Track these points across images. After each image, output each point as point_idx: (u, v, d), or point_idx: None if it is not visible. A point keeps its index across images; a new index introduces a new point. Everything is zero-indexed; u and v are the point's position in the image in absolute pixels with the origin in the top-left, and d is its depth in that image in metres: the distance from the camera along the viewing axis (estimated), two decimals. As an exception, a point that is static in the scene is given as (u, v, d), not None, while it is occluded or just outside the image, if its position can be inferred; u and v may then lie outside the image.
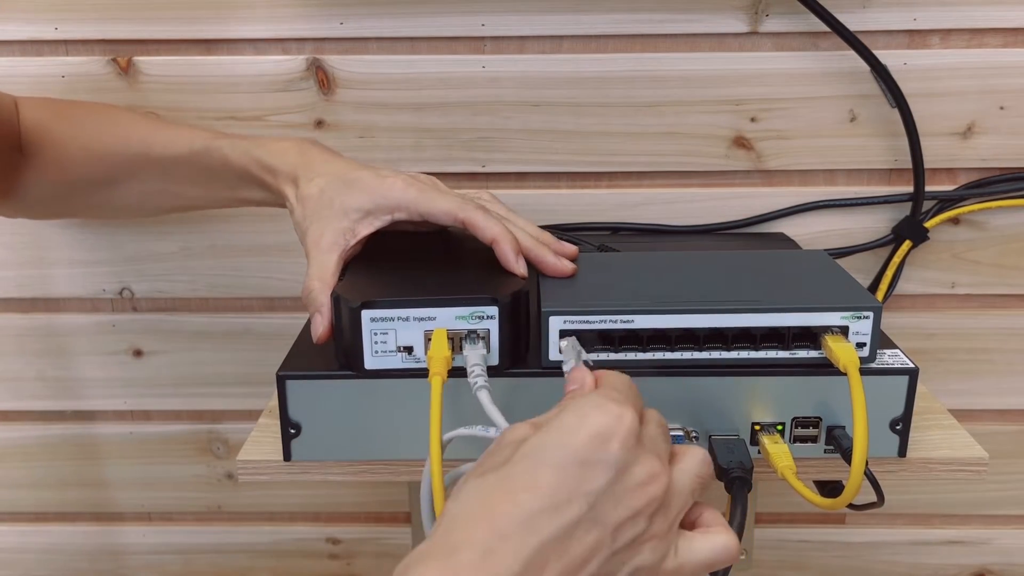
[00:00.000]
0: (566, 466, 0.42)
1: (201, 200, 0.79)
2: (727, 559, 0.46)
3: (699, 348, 0.59)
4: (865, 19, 0.84)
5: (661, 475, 0.43)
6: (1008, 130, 0.88)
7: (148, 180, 0.78)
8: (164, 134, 0.77)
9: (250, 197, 0.73)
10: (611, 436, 0.42)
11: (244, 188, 0.73)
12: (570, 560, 0.41)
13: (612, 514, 0.42)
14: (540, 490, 0.41)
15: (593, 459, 0.42)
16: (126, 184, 0.79)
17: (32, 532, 1.08)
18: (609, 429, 0.43)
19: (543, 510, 0.41)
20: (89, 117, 0.81)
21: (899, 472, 0.63)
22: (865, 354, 0.59)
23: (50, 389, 1.01)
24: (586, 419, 0.43)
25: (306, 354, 0.65)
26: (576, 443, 0.42)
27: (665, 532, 0.44)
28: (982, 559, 1.05)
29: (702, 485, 0.46)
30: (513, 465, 0.43)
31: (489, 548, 0.40)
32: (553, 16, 0.86)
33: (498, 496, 0.41)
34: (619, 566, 0.43)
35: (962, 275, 0.93)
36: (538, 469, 0.42)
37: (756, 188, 0.91)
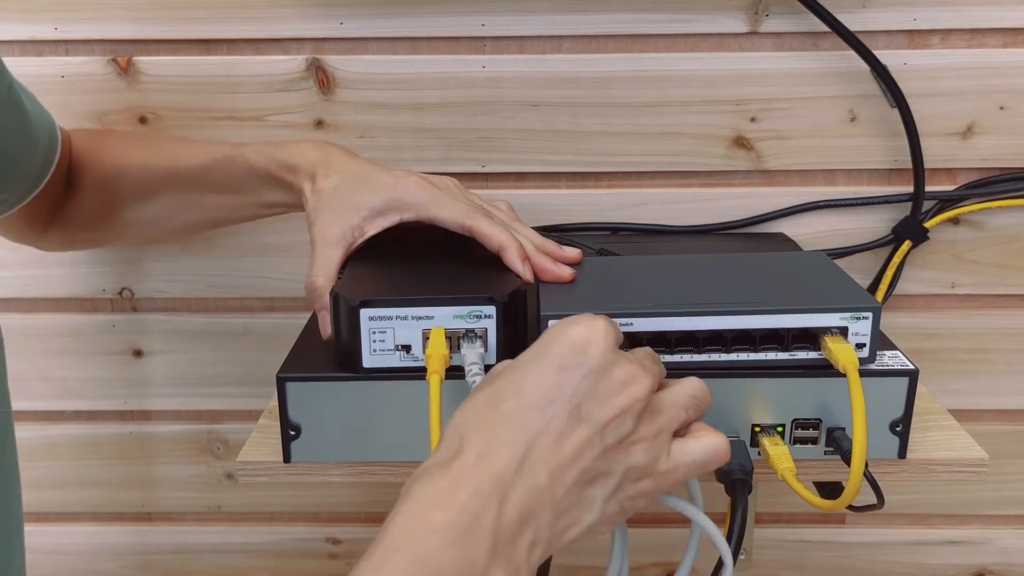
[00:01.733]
0: (547, 371, 0.45)
1: (228, 209, 0.79)
2: (718, 458, 0.48)
3: (698, 350, 0.59)
4: (865, 19, 0.84)
5: (640, 376, 0.46)
6: (1008, 130, 0.87)
7: (176, 193, 0.78)
8: (189, 147, 0.79)
9: (275, 200, 0.74)
10: (588, 342, 0.45)
11: (268, 191, 0.73)
12: (562, 455, 0.43)
13: (597, 412, 0.44)
14: (524, 395, 0.44)
15: (572, 363, 0.45)
16: (155, 201, 0.79)
17: (32, 532, 1.08)
18: (585, 336, 0.45)
19: (529, 410, 0.44)
20: (121, 139, 0.84)
21: (899, 473, 0.63)
22: (865, 355, 0.59)
23: (50, 389, 1.01)
24: (562, 331, 0.46)
25: (306, 356, 0.65)
26: (554, 351, 0.45)
27: (654, 435, 0.46)
28: (982, 559, 1.05)
29: (696, 404, 0.49)
30: (500, 380, 0.46)
31: (483, 451, 0.43)
32: (553, 16, 0.86)
33: (487, 407, 0.45)
34: (612, 464, 0.45)
35: (962, 275, 0.93)
36: (522, 379, 0.45)
37: (756, 188, 0.91)
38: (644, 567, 1.07)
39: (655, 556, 1.07)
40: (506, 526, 0.42)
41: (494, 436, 0.43)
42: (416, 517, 0.42)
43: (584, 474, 0.44)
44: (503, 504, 0.42)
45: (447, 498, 0.42)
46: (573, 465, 0.44)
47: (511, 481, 0.42)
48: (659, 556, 1.06)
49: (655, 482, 0.47)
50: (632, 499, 0.46)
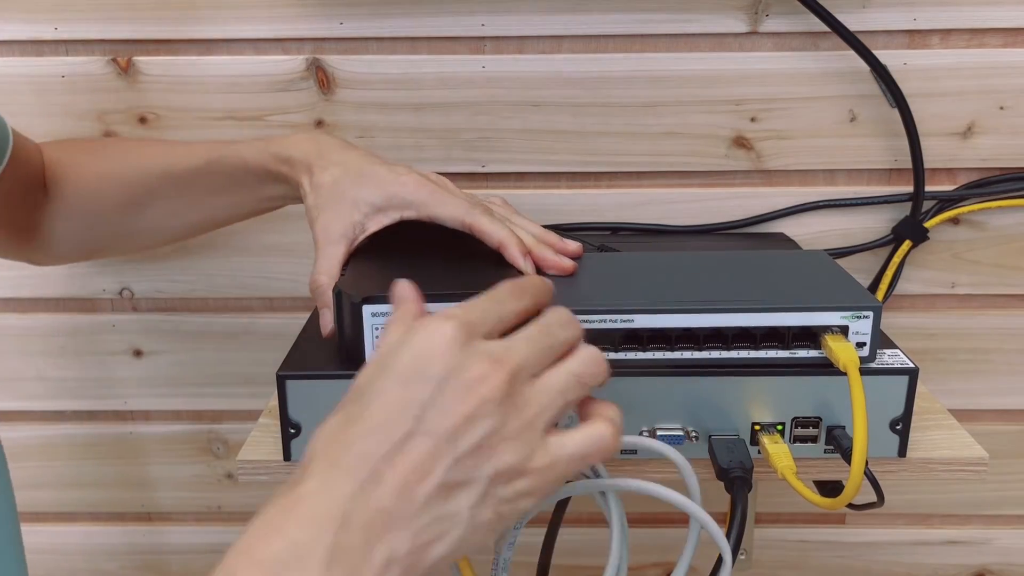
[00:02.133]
0: (390, 389, 0.42)
1: (225, 209, 0.78)
2: (600, 449, 0.44)
3: (699, 348, 0.59)
4: (865, 19, 0.84)
5: (492, 374, 0.42)
6: (1008, 130, 0.88)
7: (171, 197, 0.78)
8: (181, 149, 0.78)
9: (273, 194, 0.73)
10: (429, 351, 0.42)
11: (264, 186, 0.73)
12: (407, 472, 0.41)
13: (441, 423, 0.41)
14: (369, 417, 0.42)
15: (414, 377, 0.42)
16: (151, 206, 0.78)
17: (31, 532, 1.08)
18: (425, 345, 0.43)
19: (371, 433, 0.41)
20: (105, 148, 0.83)
21: (899, 472, 0.63)
22: (865, 354, 0.59)
23: (50, 389, 1.01)
24: (403, 343, 0.43)
25: (306, 354, 0.65)
26: (396, 367, 0.43)
27: (520, 431, 0.42)
28: (982, 559, 1.05)
29: (579, 383, 0.45)
30: (348, 404, 0.44)
31: (325, 477, 0.41)
32: (553, 16, 0.86)
33: (337, 431, 0.42)
34: (472, 472, 0.42)
35: (962, 275, 0.93)
36: (368, 401, 0.42)
37: (756, 188, 0.91)
38: (644, 567, 1.07)
39: (655, 556, 1.06)
40: (347, 551, 0.39)
41: (337, 461, 0.41)
42: (244, 551, 0.41)
43: (440, 488, 0.41)
44: (341, 530, 0.39)
45: (277, 529, 0.40)
46: (423, 481, 0.41)
47: (351, 506, 0.40)
48: (659, 556, 1.06)
49: (532, 481, 0.43)
50: (510, 502, 0.43)
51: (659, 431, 0.61)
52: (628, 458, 0.62)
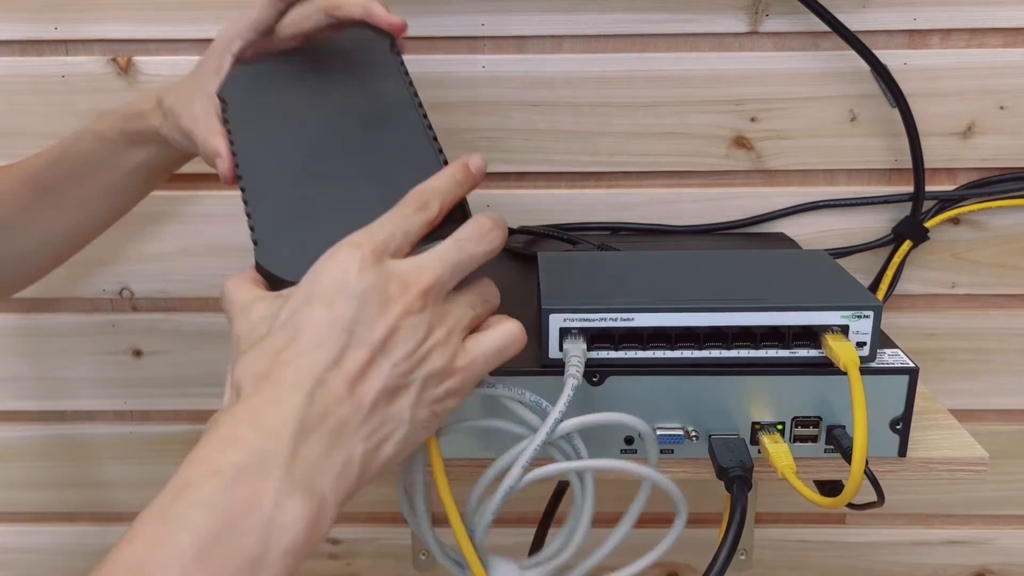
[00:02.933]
0: (317, 313, 0.45)
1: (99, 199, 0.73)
2: (514, 341, 0.50)
3: (699, 347, 0.59)
4: (865, 19, 0.84)
5: (412, 284, 0.46)
6: (1008, 130, 0.88)
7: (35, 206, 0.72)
8: (39, 155, 0.73)
9: (140, 159, 0.70)
10: (346, 271, 0.45)
11: (128, 152, 0.70)
12: (350, 380, 0.44)
13: (371, 334, 0.45)
14: (301, 340, 0.44)
15: (337, 297, 0.45)
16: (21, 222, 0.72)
17: (31, 532, 1.08)
18: (342, 266, 0.45)
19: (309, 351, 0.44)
20: None
21: (899, 472, 0.62)
22: (865, 353, 0.59)
23: (50, 389, 1.01)
24: (322, 268, 0.46)
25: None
26: (319, 291, 0.45)
27: (445, 338, 0.47)
28: (982, 559, 1.05)
29: (484, 301, 0.50)
30: (273, 334, 0.46)
31: (270, 395, 0.43)
32: (553, 16, 0.86)
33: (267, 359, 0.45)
34: (408, 376, 0.46)
35: (962, 275, 0.93)
36: (296, 328, 0.45)
37: (756, 188, 0.91)
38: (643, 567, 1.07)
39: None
40: (306, 458, 0.42)
41: (280, 379, 0.43)
42: (197, 463, 0.42)
43: (382, 392, 0.45)
44: (300, 438, 0.42)
45: (233, 442, 0.42)
46: (367, 387, 0.44)
47: (305, 414, 0.42)
48: (659, 556, 1.06)
49: (458, 380, 0.48)
50: (440, 401, 0.47)
51: (659, 430, 0.61)
52: (628, 457, 0.62)
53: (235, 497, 0.40)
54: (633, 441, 0.62)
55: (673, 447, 0.62)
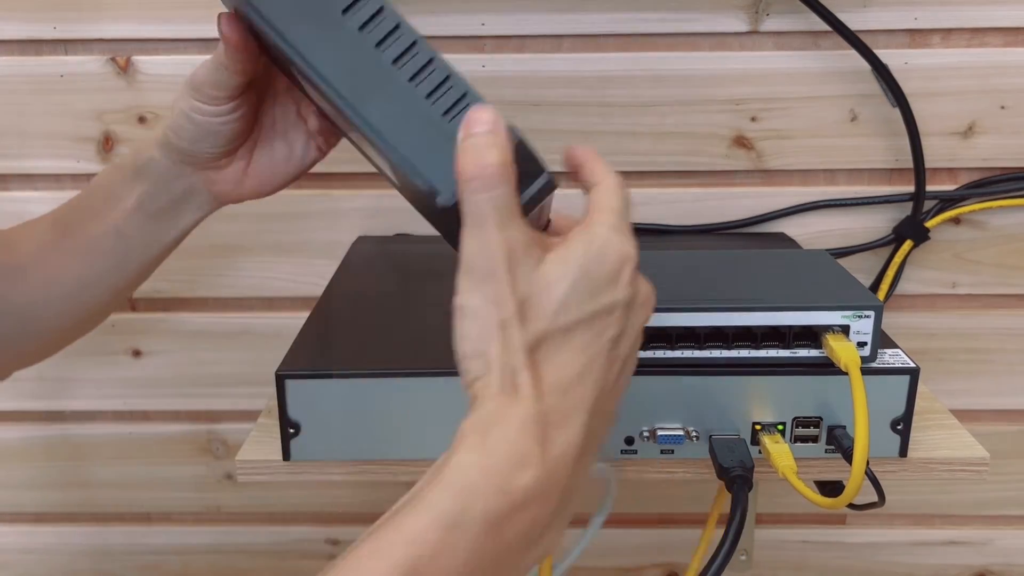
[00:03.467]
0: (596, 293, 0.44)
1: (111, 254, 0.66)
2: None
3: (700, 347, 0.59)
4: (866, 18, 0.84)
5: (651, 297, 0.48)
6: (1009, 130, 0.87)
7: (57, 251, 0.65)
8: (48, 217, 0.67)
9: (141, 195, 0.63)
10: (623, 262, 0.45)
11: (130, 186, 0.63)
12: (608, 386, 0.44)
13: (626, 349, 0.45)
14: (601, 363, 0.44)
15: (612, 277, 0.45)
16: (28, 269, 0.65)
17: (32, 532, 1.08)
18: (619, 256, 0.46)
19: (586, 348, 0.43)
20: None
21: (900, 472, 0.62)
22: (866, 353, 0.59)
23: (50, 389, 1.01)
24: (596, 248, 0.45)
25: (306, 354, 0.65)
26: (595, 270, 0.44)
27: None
28: (982, 559, 1.05)
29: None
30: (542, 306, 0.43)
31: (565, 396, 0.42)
32: (553, 16, 0.86)
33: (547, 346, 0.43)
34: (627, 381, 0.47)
35: (963, 275, 0.93)
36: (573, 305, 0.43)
37: (756, 188, 0.91)
38: (644, 567, 1.07)
39: (655, 556, 1.06)
40: (573, 485, 0.42)
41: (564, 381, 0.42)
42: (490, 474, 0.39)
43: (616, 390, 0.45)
44: (577, 463, 0.42)
45: (534, 450, 0.40)
46: (615, 391, 0.45)
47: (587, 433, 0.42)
48: (659, 556, 1.06)
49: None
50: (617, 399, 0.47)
51: (659, 431, 0.61)
52: (629, 457, 0.62)
53: (517, 521, 0.39)
54: (633, 441, 0.62)
55: (673, 447, 0.62)
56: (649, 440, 0.61)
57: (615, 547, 1.06)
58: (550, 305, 0.42)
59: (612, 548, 1.06)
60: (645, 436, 0.61)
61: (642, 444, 0.62)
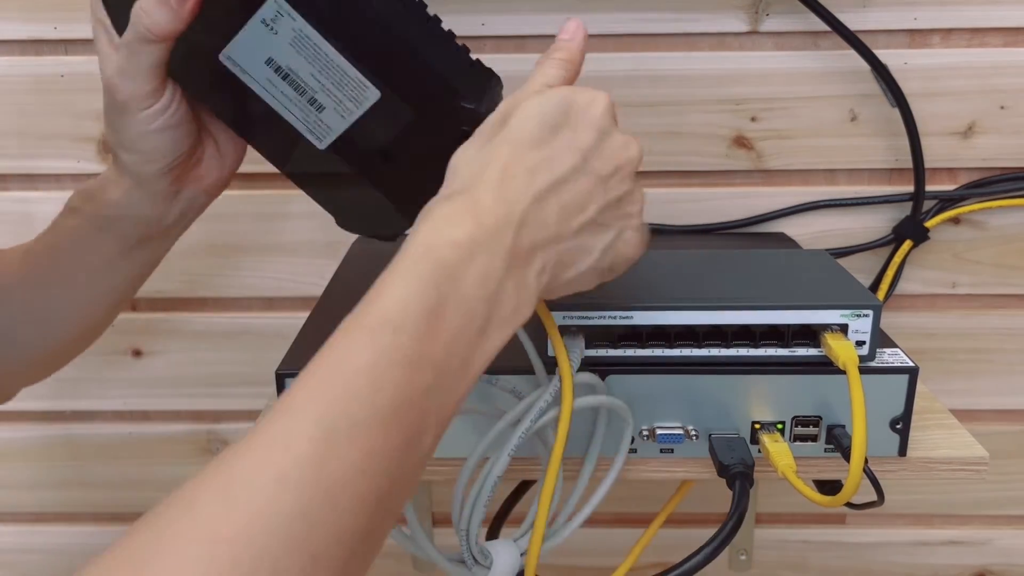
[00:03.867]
0: (559, 125, 0.48)
1: (92, 265, 0.65)
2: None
3: (698, 345, 0.59)
4: (866, 18, 0.84)
5: (633, 142, 0.50)
6: (1009, 130, 0.87)
7: (32, 284, 0.65)
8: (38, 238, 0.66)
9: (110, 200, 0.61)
10: (593, 103, 0.49)
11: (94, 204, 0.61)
12: (568, 200, 0.47)
13: (600, 167, 0.48)
14: (539, 146, 0.47)
15: (581, 121, 0.48)
16: (38, 292, 0.66)
17: (32, 532, 1.08)
18: (591, 99, 0.49)
19: (543, 160, 0.47)
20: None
21: (899, 471, 0.62)
22: (865, 352, 0.59)
23: (50, 389, 1.01)
24: (571, 93, 0.49)
25: (305, 353, 0.65)
26: (563, 107, 0.48)
27: (642, 197, 0.51)
28: (982, 559, 1.05)
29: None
30: (510, 128, 0.48)
31: (501, 184, 0.45)
32: (553, 16, 0.86)
33: (502, 150, 0.47)
34: (611, 219, 0.49)
35: (963, 275, 0.93)
36: (535, 129, 0.47)
37: (756, 188, 0.91)
38: (644, 567, 1.07)
39: (655, 556, 1.06)
40: (519, 249, 0.45)
41: (511, 173, 0.46)
42: (436, 232, 0.43)
43: (587, 224, 0.48)
44: (519, 229, 0.45)
45: (466, 217, 0.44)
46: (579, 212, 0.47)
47: (525, 212, 0.45)
48: (659, 556, 1.06)
49: (638, 237, 0.51)
50: (622, 258, 0.51)
51: (658, 429, 0.61)
52: (629, 457, 0.62)
53: (472, 267, 0.43)
54: (633, 440, 0.62)
55: (673, 446, 0.62)
56: (648, 439, 0.61)
57: (615, 547, 1.06)
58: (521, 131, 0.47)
59: (612, 548, 1.06)
60: (644, 435, 0.61)
61: (642, 443, 0.62)
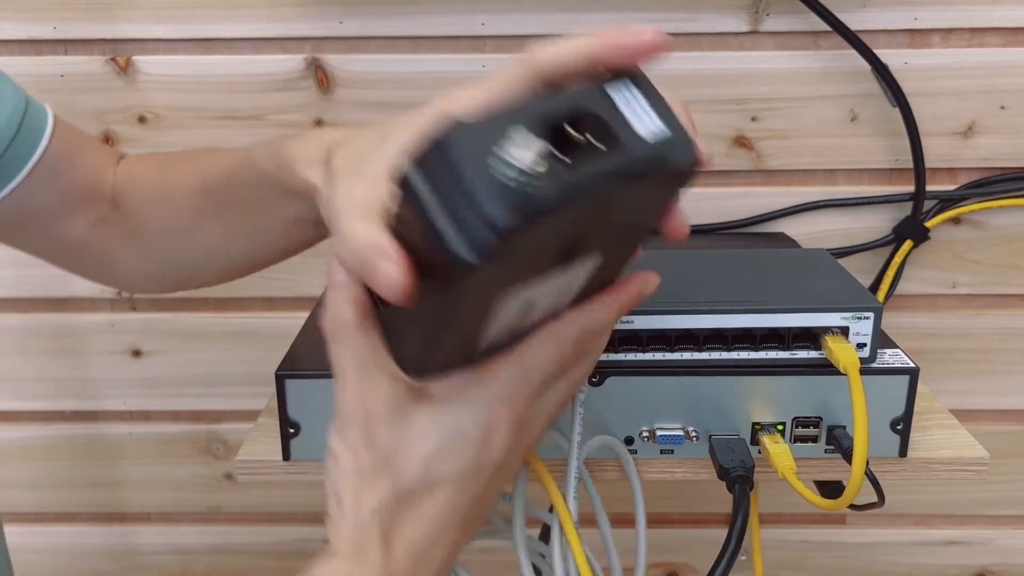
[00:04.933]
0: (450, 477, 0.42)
1: (257, 235, 0.63)
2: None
3: (699, 348, 0.59)
4: (866, 18, 0.84)
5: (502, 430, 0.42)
6: (1009, 130, 0.87)
7: (208, 220, 0.64)
8: (217, 159, 0.64)
9: (289, 214, 0.58)
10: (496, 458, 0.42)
11: (282, 203, 0.57)
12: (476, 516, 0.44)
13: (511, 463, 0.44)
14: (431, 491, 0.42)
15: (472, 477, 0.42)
16: (193, 232, 0.65)
17: (32, 532, 1.08)
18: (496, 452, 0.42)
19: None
20: (167, 160, 0.70)
21: (900, 472, 0.62)
22: (865, 355, 0.58)
23: (50, 389, 1.01)
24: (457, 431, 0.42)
25: (305, 353, 0.65)
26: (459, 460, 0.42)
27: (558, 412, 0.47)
28: (982, 559, 1.05)
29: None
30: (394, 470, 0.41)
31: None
32: (553, 16, 0.85)
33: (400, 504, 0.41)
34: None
35: (963, 275, 0.93)
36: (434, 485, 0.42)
37: (756, 188, 0.91)
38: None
39: (655, 556, 1.06)
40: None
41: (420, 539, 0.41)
42: None
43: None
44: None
45: None
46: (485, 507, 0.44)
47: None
48: (659, 556, 1.06)
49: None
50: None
51: (659, 431, 0.61)
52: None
53: None
54: (633, 441, 0.62)
55: (673, 447, 0.62)
56: (649, 440, 0.61)
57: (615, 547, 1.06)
58: (412, 462, 0.41)
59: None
60: (645, 436, 0.61)
61: (642, 444, 0.62)
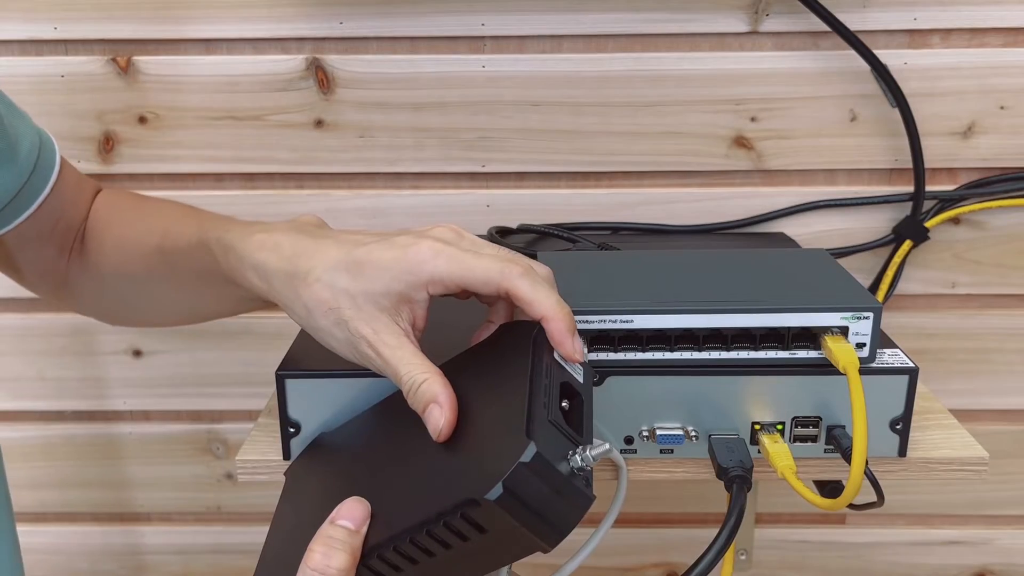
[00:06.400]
0: None
1: (207, 307, 0.68)
2: None
3: (699, 348, 0.59)
4: (865, 18, 0.84)
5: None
6: (1008, 130, 0.87)
7: (160, 279, 0.66)
8: (181, 226, 0.64)
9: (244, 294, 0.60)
10: None
11: (232, 287, 0.60)
12: None
13: None
14: None
15: None
16: (146, 284, 0.67)
17: (31, 532, 1.08)
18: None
19: None
20: (136, 208, 0.72)
21: (899, 472, 0.62)
22: (865, 354, 0.58)
23: (50, 389, 1.01)
24: None
25: (305, 353, 0.65)
26: None
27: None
28: (982, 559, 1.05)
29: None
30: None
31: None
32: (553, 16, 0.86)
33: None
34: None
35: (962, 275, 0.93)
36: None
37: (756, 188, 0.91)
38: (644, 567, 1.07)
39: (655, 556, 1.06)
40: None
41: None
42: None
43: None
44: None
45: None
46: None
47: None
48: (659, 556, 1.06)
49: None
50: None
51: (658, 430, 0.61)
52: (629, 457, 0.62)
53: None
54: (633, 441, 0.62)
55: (673, 447, 0.62)
56: (648, 440, 0.61)
57: (615, 547, 1.06)
58: None
59: (612, 548, 1.06)
60: (644, 436, 0.61)
61: (641, 444, 0.62)
